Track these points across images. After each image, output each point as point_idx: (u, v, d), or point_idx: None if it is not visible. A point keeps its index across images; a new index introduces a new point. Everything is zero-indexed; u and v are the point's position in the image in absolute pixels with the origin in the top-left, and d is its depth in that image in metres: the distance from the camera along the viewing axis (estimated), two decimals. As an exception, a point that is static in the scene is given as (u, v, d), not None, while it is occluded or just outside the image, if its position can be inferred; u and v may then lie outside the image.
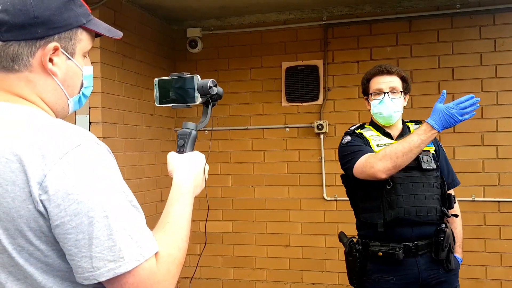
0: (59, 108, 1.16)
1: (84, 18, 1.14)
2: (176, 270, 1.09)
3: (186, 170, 1.29)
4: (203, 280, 4.93)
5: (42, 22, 1.06)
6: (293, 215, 4.69)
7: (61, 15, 1.09)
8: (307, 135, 4.66)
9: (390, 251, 2.43)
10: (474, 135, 4.27)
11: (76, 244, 0.97)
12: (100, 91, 3.81)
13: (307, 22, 4.63)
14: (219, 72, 4.88)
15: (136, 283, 1.00)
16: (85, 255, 0.97)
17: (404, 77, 2.60)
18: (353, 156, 2.49)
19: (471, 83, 4.28)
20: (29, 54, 1.07)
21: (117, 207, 1.00)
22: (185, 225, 1.18)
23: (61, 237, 0.98)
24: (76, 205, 0.96)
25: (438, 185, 2.50)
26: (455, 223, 2.61)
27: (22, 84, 1.09)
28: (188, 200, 1.24)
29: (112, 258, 0.98)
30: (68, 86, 1.15)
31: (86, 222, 0.97)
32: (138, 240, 1.01)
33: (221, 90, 1.42)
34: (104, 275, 0.98)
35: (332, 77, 4.60)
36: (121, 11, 4.09)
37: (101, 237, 0.97)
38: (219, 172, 4.86)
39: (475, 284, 4.24)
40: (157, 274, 1.03)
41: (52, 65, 1.10)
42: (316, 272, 4.57)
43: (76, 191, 0.97)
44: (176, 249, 1.11)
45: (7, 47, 1.06)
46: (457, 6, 4.25)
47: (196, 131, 1.40)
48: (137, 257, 1.00)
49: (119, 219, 0.99)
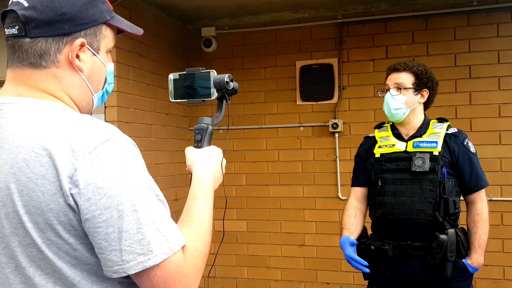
0: (84, 104, 1.17)
1: (108, 15, 1.16)
2: (202, 263, 1.11)
3: (206, 164, 1.31)
4: (217, 279, 4.94)
5: (69, 19, 1.07)
6: (307, 214, 4.68)
7: (86, 11, 1.10)
8: (322, 134, 4.64)
9: (379, 246, 2.55)
10: (491, 134, 4.21)
11: (106, 238, 0.98)
12: (116, 90, 3.83)
13: (322, 21, 4.61)
14: (233, 71, 4.88)
15: (164, 276, 1.01)
16: (114, 248, 0.98)
17: (417, 73, 2.57)
18: (352, 177, 2.82)
19: (488, 81, 4.23)
20: (57, 50, 1.08)
21: (145, 201, 1.01)
22: (207, 219, 1.19)
23: (91, 230, 0.99)
24: (106, 199, 0.97)
25: (434, 188, 2.46)
26: (476, 227, 2.53)
27: (49, 80, 1.10)
28: (209, 194, 1.25)
29: (141, 251, 0.99)
30: (93, 82, 1.16)
31: (116, 215, 0.98)
32: (166, 233, 1.02)
33: (237, 85, 1.41)
34: (133, 268, 0.99)
35: (347, 75, 4.58)
36: (136, 11, 4.11)
37: (131, 230, 0.98)
38: (233, 171, 4.86)
39: (493, 284, 4.19)
40: (184, 267, 1.05)
41: (78, 61, 1.11)
42: (331, 271, 4.55)
43: (106, 185, 0.98)
44: (202, 243, 1.12)
45: (35, 44, 1.07)
46: (474, 3, 4.20)
47: (212, 125, 1.41)
48: (165, 251, 1.01)
49: (148, 212, 1.01)
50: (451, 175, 2.51)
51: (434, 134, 2.56)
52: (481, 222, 2.52)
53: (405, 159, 2.53)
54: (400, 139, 2.62)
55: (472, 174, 2.53)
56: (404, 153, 2.56)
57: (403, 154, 2.56)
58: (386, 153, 2.60)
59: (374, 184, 2.61)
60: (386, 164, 2.58)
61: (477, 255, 2.50)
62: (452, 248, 2.42)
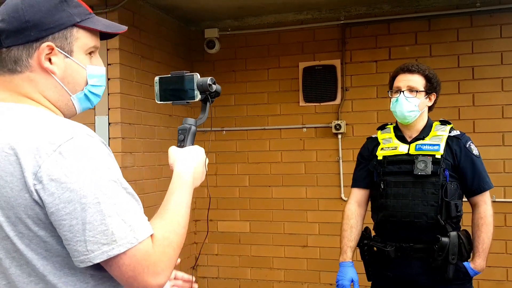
0: (62, 105, 1.23)
1: (78, 17, 1.20)
2: (173, 252, 1.16)
3: (186, 162, 1.36)
4: (220, 279, 4.95)
5: (34, 25, 1.14)
6: (310, 215, 4.68)
7: (52, 16, 1.15)
8: (325, 135, 4.64)
9: (381, 248, 2.56)
10: (495, 135, 4.21)
11: (70, 229, 1.04)
12: (119, 92, 3.85)
13: (325, 22, 4.62)
14: (237, 72, 4.89)
15: (132, 264, 1.07)
16: (79, 240, 1.04)
17: (429, 76, 2.56)
18: (353, 178, 2.81)
19: (492, 83, 4.23)
20: (28, 56, 1.16)
21: (110, 194, 1.07)
22: (182, 212, 1.24)
23: (57, 223, 1.05)
24: (69, 193, 1.04)
25: (436, 192, 2.45)
26: (479, 231, 2.52)
27: (26, 84, 1.18)
28: (187, 189, 1.31)
29: (105, 241, 1.05)
30: (68, 83, 1.21)
31: (79, 208, 1.04)
32: (132, 224, 1.08)
33: (219, 88, 1.47)
34: (98, 257, 1.05)
35: (350, 77, 4.58)
36: (140, 13, 4.13)
37: (94, 222, 1.04)
38: (236, 172, 4.87)
39: (496, 286, 4.18)
40: (153, 255, 1.10)
41: (50, 64, 1.17)
42: (334, 272, 4.49)
43: (68, 180, 1.04)
44: (173, 233, 1.18)
45: (9, 52, 1.15)
46: (477, 4, 4.19)
47: (196, 126, 1.47)
48: (130, 240, 1.06)
49: (112, 204, 1.06)
50: (454, 178, 2.50)
51: (436, 136, 2.55)
52: (485, 226, 2.51)
53: (407, 162, 2.53)
54: (403, 141, 2.61)
55: (475, 176, 2.52)
56: (407, 156, 2.55)
57: (406, 156, 2.55)
58: (388, 156, 2.60)
59: (377, 186, 2.62)
60: (388, 167, 2.58)
61: (480, 259, 2.50)
62: (454, 250, 2.42)
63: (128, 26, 4.48)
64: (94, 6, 3.86)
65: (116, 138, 3.85)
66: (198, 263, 5.02)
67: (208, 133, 4.96)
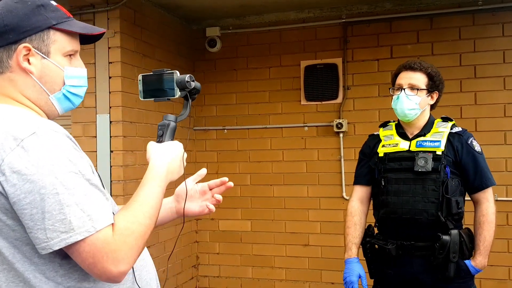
0: (42, 103, 1.31)
1: (55, 20, 1.28)
2: (135, 242, 1.20)
3: (161, 156, 1.41)
4: (222, 278, 4.95)
5: (12, 29, 1.23)
6: (312, 214, 4.68)
7: (28, 20, 1.25)
8: (326, 134, 4.64)
9: (383, 245, 2.56)
10: (497, 134, 4.20)
11: (31, 218, 1.12)
12: (121, 90, 3.84)
13: (326, 20, 4.61)
14: (238, 71, 4.88)
15: (92, 251, 1.13)
16: (40, 228, 1.12)
17: (431, 74, 2.55)
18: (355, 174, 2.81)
19: (494, 81, 4.22)
20: (8, 57, 1.25)
21: (69, 185, 1.13)
22: (150, 203, 1.29)
23: (19, 212, 1.13)
24: (29, 184, 1.11)
25: (437, 188, 2.45)
26: (481, 229, 2.51)
27: (6, 83, 1.27)
28: (158, 182, 1.35)
29: (63, 229, 1.12)
30: (46, 83, 1.29)
31: (39, 198, 1.11)
32: (91, 213, 1.14)
33: (198, 85, 1.53)
34: (57, 244, 1.12)
35: (352, 75, 4.58)
36: (141, 11, 4.12)
37: (53, 211, 1.11)
38: (238, 171, 4.86)
39: (498, 285, 4.17)
40: (112, 243, 1.15)
41: (28, 64, 1.26)
42: (336, 271, 4.54)
43: (29, 171, 1.11)
44: (136, 224, 1.22)
45: None
46: (479, 3, 4.18)
47: (176, 122, 1.52)
48: (88, 229, 1.13)
49: (71, 195, 1.13)
50: (455, 174, 2.50)
51: (438, 133, 2.55)
52: (486, 224, 2.50)
53: (408, 159, 2.53)
54: (404, 138, 2.61)
55: (477, 173, 2.52)
56: (407, 153, 2.55)
57: (406, 153, 2.55)
58: (389, 152, 2.60)
59: (378, 183, 2.62)
60: (389, 164, 2.58)
61: (482, 257, 2.49)
62: (455, 249, 2.41)
63: (130, 24, 4.48)
64: (96, 5, 3.86)
65: (118, 137, 3.84)
66: (199, 261, 5.03)
67: (208, 132, 4.95)
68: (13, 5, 1.25)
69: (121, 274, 1.17)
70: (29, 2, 1.27)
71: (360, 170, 2.77)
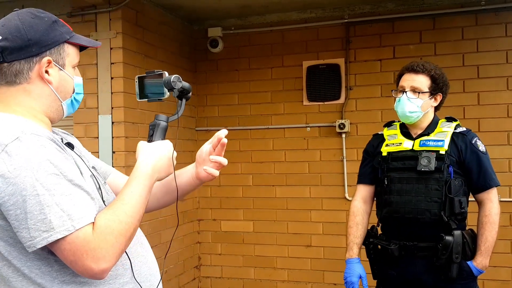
0: (53, 110, 1.41)
1: (67, 35, 1.41)
2: (115, 240, 1.24)
3: (148, 155, 1.45)
4: (224, 279, 4.94)
5: (35, 43, 1.34)
6: (314, 215, 4.67)
7: (48, 35, 1.36)
8: (329, 134, 4.63)
9: (385, 246, 2.55)
10: (500, 134, 4.19)
11: (16, 218, 1.20)
12: (123, 91, 3.84)
13: (329, 21, 4.60)
14: (240, 71, 4.88)
15: (72, 249, 1.19)
16: (24, 227, 1.19)
17: (434, 77, 2.54)
18: (359, 174, 2.80)
19: (497, 81, 4.20)
20: (29, 69, 1.35)
21: (49, 186, 1.19)
22: (132, 202, 1.32)
23: (6, 213, 1.21)
24: (12, 187, 1.19)
25: (440, 188, 2.44)
26: (483, 229, 2.50)
27: (19, 94, 1.36)
28: (143, 181, 1.38)
29: (44, 228, 1.18)
30: (61, 92, 1.41)
31: (21, 200, 1.19)
32: (71, 213, 1.20)
33: (186, 85, 1.56)
34: (40, 242, 1.18)
35: (354, 75, 4.57)
36: (143, 12, 4.12)
37: (34, 211, 1.18)
38: (240, 172, 4.86)
39: (501, 286, 4.16)
40: (92, 242, 1.21)
41: (48, 76, 1.37)
42: (338, 272, 4.52)
43: (11, 175, 1.19)
44: (116, 222, 1.26)
45: (11, 66, 1.34)
46: (481, 3, 4.17)
47: (167, 122, 1.54)
48: (67, 228, 1.18)
49: (51, 196, 1.19)
50: (459, 174, 2.49)
51: (441, 132, 2.54)
52: (489, 224, 2.49)
53: (411, 158, 2.52)
54: (408, 137, 2.61)
55: (481, 173, 2.50)
56: (411, 152, 2.54)
57: (410, 152, 2.55)
58: (393, 152, 2.59)
59: (381, 182, 2.61)
60: (392, 163, 2.57)
61: (482, 257, 2.48)
62: (458, 249, 2.40)
63: (131, 25, 4.47)
64: (98, 5, 3.86)
65: (120, 137, 3.84)
66: (201, 262, 5.02)
67: (210, 132, 4.95)
68: (32, 21, 1.35)
69: (103, 271, 1.22)
70: (46, 18, 1.37)
71: (363, 169, 2.76)
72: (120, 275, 1.37)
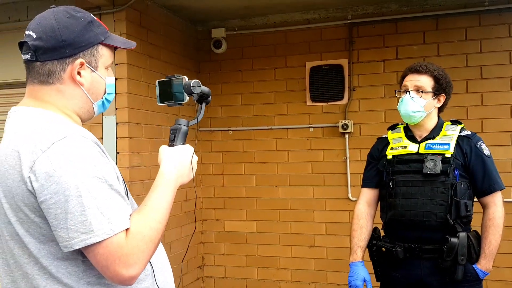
0: (84, 111, 1.42)
1: (102, 36, 1.40)
2: (146, 246, 1.25)
3: (171, 161, 1.45)
4: (227, 279, 4.95)
5: (69, 44, 1.32)
6: (317, 215, 4.67)
7: (83, 36, 1.35)
8: (332, 135, 4.63)
9: (390, 248, 2.54)
10: (503, 135, 4.18)
11: (56, 217, 1.19)
12: (126, 92, 3.86)
13: (332, 21, 4.61)
14: (243, 72, 4.89)
15: (105, 254, 1.19)
16: (63, 227, 1.19)
17: (437, 77, 2.54)
18: (363, 177, 2.79)
19: (500, 82, 4.20)
20: (61, 70, 1.34)
21: (92, 189, 1.20)
22: (160, 208, 1.34)
23: (46, 211, 1.20)
24: (55, 185, 1.18)
25: (445, 191, 2.43)
26: (487, 232, 2.49)
27: (53, 93, 1.35)
28: (168, 187, 1.39)
29: (84, 230, 1.18)
30: (92, 93, 1.41)
31: (63, 199, 1.18)
32: (110, 217, 1.20)
33: (206, 89, 1.56)
34: (77, 244, 1.18)
35: (357, 76, 4.57)
36: (147, 13, 4.13)
37: (75, 212, 1.18)
38: (243, 172, 4.86)
39: (504, 286, 4.16)
40: (125, 247, 1.21)
41: (80, 77, 1.36)
42: (341, 272, 4.54)
43: (56, 173, 1.18)
44: (147, 228, 1.27)
45: (44, 66, 1.33)
46: (485, 3, 4.17)
47: (187, 126, 1.55)
48: (107, 231, 1.19)
49: (93, 198, 1.19)
50: (464, 177, 2.48)
51: (447, 136, 2.54)
52: (493, 228, 2.48)
53: (417, 161, 2.52)
54: (413, 141, 2.60)
55: (485, 176, 2.50)
56: (416, 155, 2.54)
57: (415, 156, 2.54)
58: (398, 155, 2.59)
59: (386, 185, 2.60)
60: (398, 166, 2.57)
61: (486, 260, 2.47)
62: (463, 251, 2.39)
63: (136, 26, 4.49)
64: (102, 6, 3.87)
65: (124, 138, 3.86)
66: (205, 262, 5.03)
67: (211, 133, 4.96)
68: (67, 21, 1.33)
69: (132, 278, 1.22)
70: (81, 18, 1.36)
71: (368, 173, 2.75)
72: (142, 280, 1.38)
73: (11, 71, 4.13)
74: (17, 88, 4.08)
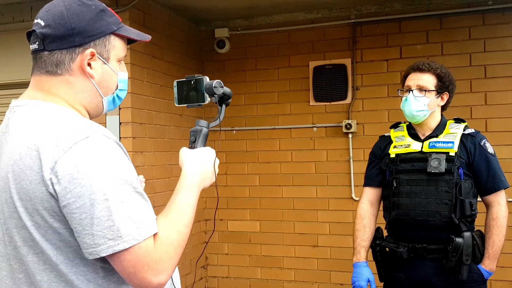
0: (93, 106, 1.32)
1: (115, 26, 1.30)
2: (174, 251, 1.19)
3: (194, 163, 1.40)
4: (231, 279, 4.95)
5: (79, 32, 1.23)
6: (321, 215, 4.67)
7: (94, 24, 1.25)
8: (335, 134, 4.63)
9: (394, 248, 2.52)
10: (507, 134, 4.17)
11: (80, 223, 1.11)
12: (130, 92, 3.86)
13: (335, 21, 4.60)
14: (247, 72, 4.89)
15: (133, 260, 1.12)
16: (88, 233, 1.10)
17: (440, 76, 2.52)
18: (365, 176, 2.77)
19: (504, 81, 4.19)
20: (70, 60, 1.25)
21: (118, 192, 1.12)
22: (187, 212, 1.28)
23: (68, 216, 1.12)
24: (80, 188, 1.10)
25: (450, 190, 2.41)
26: (490, 232, 2.47)
27: (62, 85, 1.26)
28: (192, 190, 1.34)
29: (111, 236, 1.10)
30: (103, 87, 1.31)
31: (88, 203, 1.10)
32: (138, 222, 1.13)
33: (227, 90, 1.51)
34: (104, 251, 1.11)
35: (361, 76, 4.56)
36: (150, 13, 4.14)
37: (102, 217, 1.10)
38: (246, 172, 4.87)
39: (509, 286, 4.14)
40: (153, 253, 1.14)
41: (90, 69, 1.26)
42: (345, 272, 4.53)
43: (80, 176, 1.10)
44: (175, 233, 1.21)
45: (52, 55, 1.24)
46: (489, 2, 4.16)
47: (208, 128, 1.50)
48: (135, 237, 1.12)
49: (120, 202, 1.11)
50: (468, 176, 2.46)
51: (450, 134, 2.52)
52: (496, 228, 2.47)
53: (420, 160, 2.50)
54: (416, 139, 2.58)
55: (489, 175, 2.48)
56: (420, 154, 2.52)
57: (419, 154, 2.52)
58: (401, 154, 2.57)
59: (389, 185, 2.58)
60: (401, 165, 2.55)
61: (490, 260, 2.46)
62: (468, 251, 2.38)
63: (139, 26, 4.50)
64: (105, 6, 3.88)
65: (127, 138, 3.86)
66: (208, 262, 5.03)
67: (217, 133, 4.96)
68: (78, 8, 1.24)
69: (160, 285, 1.16)
70: (93, 6, 1.27)
71: (370, 172, 2.74)
72: None
73: (15, 72, 4.15)
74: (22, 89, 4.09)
